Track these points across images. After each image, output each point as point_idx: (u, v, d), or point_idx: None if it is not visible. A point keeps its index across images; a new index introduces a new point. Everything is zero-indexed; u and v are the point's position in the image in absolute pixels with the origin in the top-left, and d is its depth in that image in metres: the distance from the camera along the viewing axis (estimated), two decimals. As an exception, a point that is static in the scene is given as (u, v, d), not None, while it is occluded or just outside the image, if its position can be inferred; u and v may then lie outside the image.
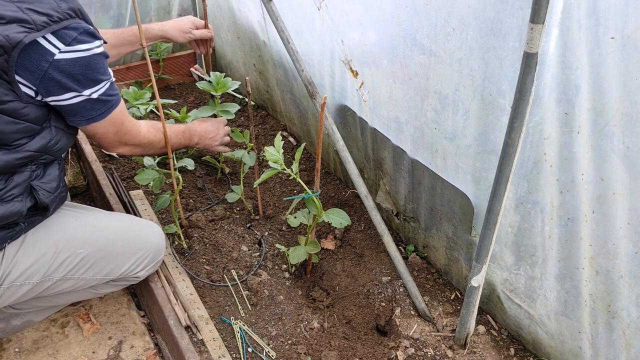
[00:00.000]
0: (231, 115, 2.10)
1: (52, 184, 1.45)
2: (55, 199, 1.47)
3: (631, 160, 1.10)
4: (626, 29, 1.00)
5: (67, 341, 1.70)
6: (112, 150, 1.61)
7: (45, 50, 1.24)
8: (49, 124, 1.39)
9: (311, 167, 2.51)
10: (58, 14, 1.24)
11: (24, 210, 1.38)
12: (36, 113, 1.33)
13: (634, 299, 1.25)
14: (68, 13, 1.26)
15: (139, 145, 1.64)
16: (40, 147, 1.37)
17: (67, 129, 1.46)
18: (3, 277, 1.40)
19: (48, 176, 1.45)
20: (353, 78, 1.89)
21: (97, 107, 1.41)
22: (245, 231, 2.14)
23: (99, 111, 1.42)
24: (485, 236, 1.37)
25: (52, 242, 1.47)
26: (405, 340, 1.71)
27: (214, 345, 1.63)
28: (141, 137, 1.63)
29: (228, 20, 2.82)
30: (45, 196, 1.42)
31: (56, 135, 1.41)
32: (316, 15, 1.95)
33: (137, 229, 1.66)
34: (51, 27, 1.23)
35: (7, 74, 1.23)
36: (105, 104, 1.43)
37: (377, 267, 1.97)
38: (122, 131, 1.54)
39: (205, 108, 2.10)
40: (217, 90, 2.05)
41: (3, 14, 1.20)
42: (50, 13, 1.23)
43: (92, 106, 1.40)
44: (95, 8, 2.81)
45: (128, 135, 1.57)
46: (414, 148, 1.75)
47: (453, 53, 1.40)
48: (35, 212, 1.45)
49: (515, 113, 1.13)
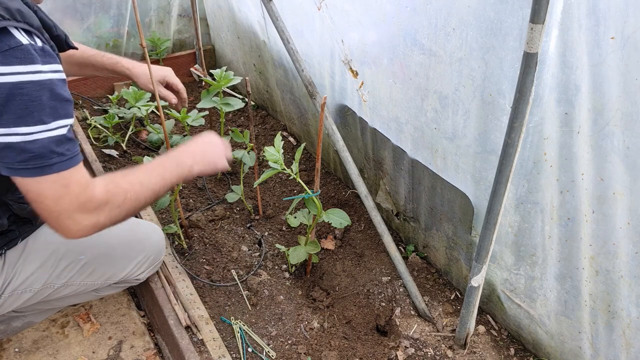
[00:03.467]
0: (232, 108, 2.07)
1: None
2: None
3: (631, 160, 1.10)
4: (626, 29, 1.00)
5: (67, 341, 1.70)
6: (66, 233, 1.14)
7: None
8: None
9: (311, 167, 2.51)
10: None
11: (4, 222, 1.31)
12: None
13: (634, 299, 1.25)
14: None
15: (101, 206, 1.15)
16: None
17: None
18: (4, 286, 1.38)
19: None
20: (353, 78, 1.89)
21: (21, 158, 1.03)
22: (245, 231, 2.14)
23: (24, 164, 1.03)
24: (485, 236, 1.37)
25: (52, 249, 1.46)
26: (405, 340, 1.71)
27: (214, 345, 1.63)
28: (97, 198, 1.14)
29: (228, 20, 2.82)
30: (20, 209, 1.32)
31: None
32: (316, 15, 1.95)
33: (138, 232, 1.65)
34: None
35: None
36: (40, 160, 1.03)
37: (377, 267, 1.97)
38: (65, 196, 1.09)
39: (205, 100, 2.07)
40: (220, 83, 2.04)
41: None
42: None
43: (13, 155, 1.02)
44: (95, 8, 2.82)
45: (75, 201, 1.10)
46: (414, 148, 1.75)
47: (453, 53, 1.40)
48: (23, 220, 1.39)
49: (515, 113, 1.13)
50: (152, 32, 3.04)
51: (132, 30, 2.99)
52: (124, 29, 2.95)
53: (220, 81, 2.04)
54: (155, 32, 3.04)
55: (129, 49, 3.05)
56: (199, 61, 3.11)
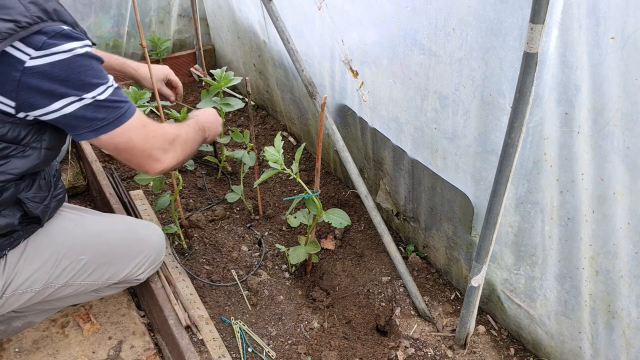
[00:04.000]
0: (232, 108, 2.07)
1: (41, 193, 1.39)
2: (47, 207, 1.42)
3: (631, 160, 1.10)
4: (626, 29, 1.00)
5: (67, 341, 1.70)
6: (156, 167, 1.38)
7: (14, 59, 1.11)
8: (39, 145, 1.29)
9: (311, 167, 2.51)
10: (26, 18, 1.11)
11: (14, 222, 1.34)
12: (17, 133, 1.22)
13: (634, 299, 1.25)
14: (38, 16, 1.13)
15: (175, 142, 1.43)
16: (26, 169, 1.28)
17: (59, 146, 1.35)
18: (5, 286, 1.38)
19: (35, 186, 1.37)
20: (353, 78, 1.89)
21: (100, 115, 1.24)
22: (245, 231, 2.14)
23: (105, 120, 1.24)
24: (485, 236, 1.37)
25: (53, 249, 1.46)
26: (405, 340, 1.71)
27: (214, 345, 1.63)
28: (170, 134, 1.42)
29: (228, 20, 2.82)
30: (33, 207, 1.36)
31: (44, 157, 1.31)
32: (316, 15, 1.95)
33: (138, 232, 1.65)
34: (18, 33, 1.10)
35: None
36: (113, 111, 1.25)
37: (377, 267, 1.97)
38: (150, 134, 1.34)
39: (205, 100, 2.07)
40: (220, 83, 2.04)
41: None
42: (17, 19, 1.10)
43: (93, 114, 1.23)
44: (95, 8, 2.81)
45: (160, 137, 1.37)
46: (414, 148, 1.75)
47: (453, 53, 1.40)
48: (30, 220, 1.41)
49: (515, 113, 1.13)
50: (152, 32, 3.04)
51: (132, 30, 2.99)
52: (124, 29, 2.95)
53: (221, 81, 2.04)
54: (155, 32, 3.03)
55: (129, 49, 3.05)
56: (199, 61, 3.11)
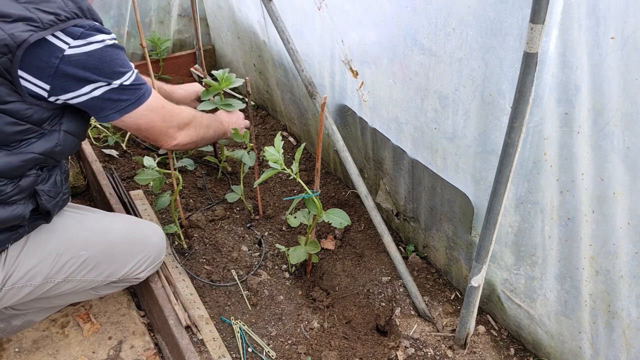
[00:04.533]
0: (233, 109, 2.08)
1: (55, 189, 1.45)
2: (57, 203, 1.46)
3: (631, 160, 1.10)
4: (626, 29, 1.00)
5: (67, 341, 1.70)
6: (170, 143, 1.54)
7: (54, 47, 1.23)
8: (58, 128, 1.37)
9: (311, 167, 2.51)
10: (65, 12, 1.24)
11: (26, 214, 1.37)
12: (40, 115, 1.30)
13: (634, 299, 1.25)
14: (75, 12, 1.26)
15: (190, 124, 1.58)
16: (45, 150, 1.35)
17: (77, 133, 1.43)
18: (5, 279, 1.40)
19: (51, 181, 1.44)
20: (353, 78, 1.89)
21: (125, 97, 1.36)
22: (245, 231, 2.14)
23: (128, 101, 1.37)
24: (485, 236, 1.37)
25: (54, 244, 1.47)
26: (405, 340, 1.71)
27: (214, 345, 1.63)
28: (186, 115, 1.56)
29: (228, 20, 2.82)
30: (47, 201, 1.41)
31: (64, 140, 1.39)
32: (316, 15, 1.95)
33: (139, 231, 1.66)
34: (58, 25, 1.22)
35: (10, 73, 1.21)
36: (135, 92, 1.38)
37: (377, 267, 1.97)
38: (168, 114, 1.48)
39: (206, 103, 2.07)
40: (221, 85, 2.04)
41: (9, 12, 1.19)
42: (58, 12, 1.23)
43: (118, 96, 1.35)
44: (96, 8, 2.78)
45: (177, 117, 1.52)
46: (414, 148, 1.75)
47: (453, 53, 1.40)
48: (38, 216, 1.44)
49: (515, 113, 1.13)
50: (152, 32, 3.04)
51: (132, 30, 2.99)
52: (124, 29, 2.95)
53: (222, 83, 2.04)
54: (155, 32, 3.03)
55: (129, 49, 3.05)
56: (199, 61, 3.11)
